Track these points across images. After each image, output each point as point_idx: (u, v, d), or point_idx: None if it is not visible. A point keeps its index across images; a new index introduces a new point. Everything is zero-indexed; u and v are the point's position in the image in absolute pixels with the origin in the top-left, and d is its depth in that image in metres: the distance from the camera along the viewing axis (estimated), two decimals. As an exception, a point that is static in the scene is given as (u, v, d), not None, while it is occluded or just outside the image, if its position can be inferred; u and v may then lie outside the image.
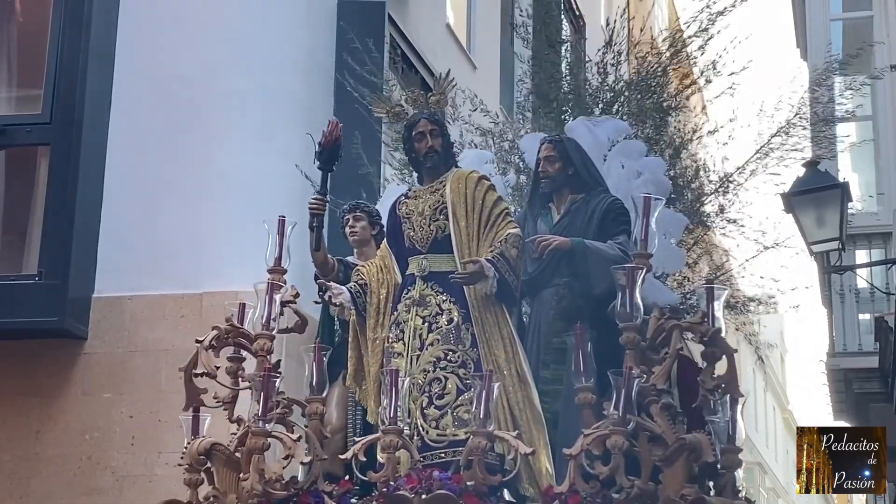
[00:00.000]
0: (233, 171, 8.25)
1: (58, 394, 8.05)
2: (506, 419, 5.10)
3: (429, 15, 11.18)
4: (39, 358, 8.11)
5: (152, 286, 8.03)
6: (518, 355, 5.29)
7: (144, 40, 8.54)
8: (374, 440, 4.81)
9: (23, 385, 8.07)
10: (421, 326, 5.32)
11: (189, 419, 5.19)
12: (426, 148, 5.54)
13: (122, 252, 8.20)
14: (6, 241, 8.61)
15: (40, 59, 8.45)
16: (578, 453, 4.56)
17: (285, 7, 8.80)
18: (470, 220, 5.40)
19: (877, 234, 9.95)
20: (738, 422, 4.82)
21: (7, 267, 8.36)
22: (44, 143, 8.30)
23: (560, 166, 5.68)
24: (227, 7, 8.59)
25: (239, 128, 8.41)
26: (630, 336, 4.71)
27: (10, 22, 8.93)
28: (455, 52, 11.70)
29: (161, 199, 8.28)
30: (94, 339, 8.11)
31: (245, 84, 8.45)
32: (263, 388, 4.81)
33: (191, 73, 8.42)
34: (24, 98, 8.74)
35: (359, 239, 6.25)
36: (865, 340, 9.60)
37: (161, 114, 8.38)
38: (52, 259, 7.98)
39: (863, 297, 9.74)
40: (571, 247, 5.38)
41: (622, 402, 4.54)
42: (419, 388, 5.21)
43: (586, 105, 8.26)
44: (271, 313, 5.09)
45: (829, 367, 9.83)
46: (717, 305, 4.86)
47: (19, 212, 8.51)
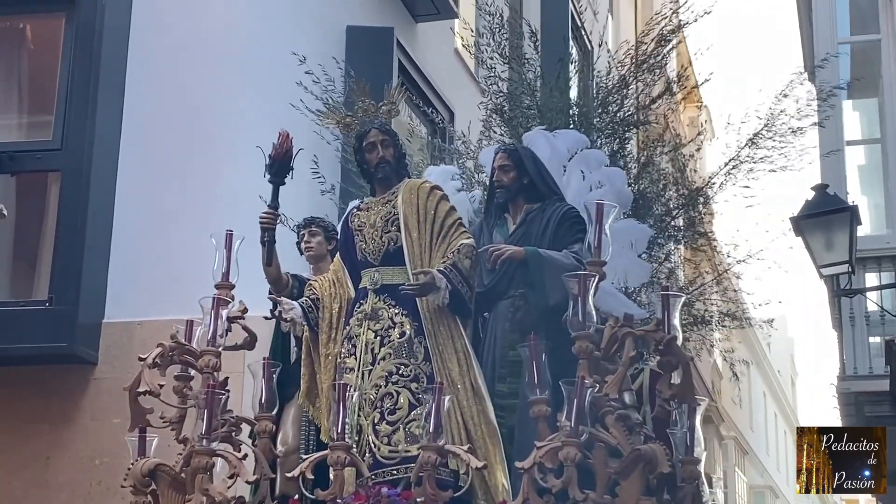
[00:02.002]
0: (242, 197, 8.16)
1: (67, 419, 7.99)
2: (460, 434, 4.97)
3: (437, 40, 11.22)
4: (49, 384, 8.06)
5: (162, 311, 7.84)
6: (472, 369, 5.15)
7: (154, 67, 8.51)
8: (322, 457, 4.66)
9: (32, 411, 8.03)
10: (373, 340, 5.19)
11: (135, 440, 5.04)
12: (377, 158, 5.44)
13: (131, 278, 8.15)
14: (16, 266, 8.64)
15: (51, 86, 8.47)
16: (531, 467, 4.42)
17: (294, 33, 8.77)
18: (422, 231, 5.28)
19: (886, 256, 9.91)
20: (696, 431, 4.69)
21: (17, 293, 8.40)
22: (54, 169, 8.30)
23: (515, 175, 5.56)
24: (236, 34, 8.55)
25: (248, 154, 8.27)
26: (583, 345, 4.57)
27: (21, 48, 8.93)
28: (463, 76, 11.71)
29: (170, 225, 8.21)
30: (104, 364, 8.05)
31: (254, 111, 8.40)
32: (207, 406, 4.67)
33: (200, 99, 8.38)
34: (35, 124, 8.76)
35: (314, 254, 6.14)
36: (876, 364, 9.58)
37: (171, 140, 8.34)
38: (62, 285, 7.96)
39: (873, 321, 9.72)
40: (525, 256, 5.25)
41: (574, 413, 4.40)
42: (371, 403, 5.07)
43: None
44: (217, 329, 4.95)
45: (840, 390, 9.78)
46: (674, 313, 4.73)
47: (30, 237, 8.54)
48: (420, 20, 10.82)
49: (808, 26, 11.63)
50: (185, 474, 4.76)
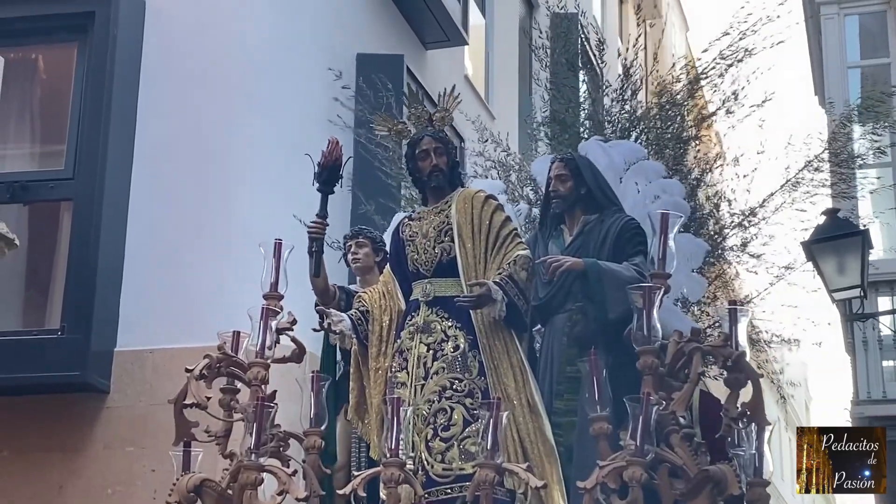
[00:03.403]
0: (253, 225, 8.10)
1: (80, 448, 7.94)
2: (516, 452, 4.80)
3: (447, 67, 11.18)
4: (62, 412, 8.00)
5: (174, 339, 7.89)
6: (529, 384, 4.97)
7: (165, 96, 8.47)
8: (374, 474, 4.48)
9: (45, 440, 7.99)
10: (425, 354, 5.02)
11: (180, 455, 4.88)
12: (430, 167, 5.27)
13: (143, 306, 8.11)
14: (29, 296, 8.63)
15: (63, 115, 8.47)
16: (594, 487, 4.22)
17: (304, 61, 8.75)
18: (476, 242, 5.11)
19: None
20: (764, 452, 4.49)
21: (30, 322, 8.40)
22: (66, 198, 8.30)
23: (572, 185, 5.38)
24: (248, 63, 8.50)
25: (259, 182, 8.34)
26: (647, 360, 4.38)
27: (34, 78, 8.94)
28: (473, 102, 11.66)
29: (182, 254, 8.19)
30: (117, 392, 8.00)
31: (265, 139, 8.38)
32: (256, 420, 4.49)
33: (211, 128, 8.33)
34: (47, 154, 8.74)
35: (361, 266, 5.99)
36: (890, 388, 9.58)
37: (182, 168, 8.30)
38: (74, 313, 7.95)
39: (886, 345, 9.71)
40: (584, 268, 5.07)
41: (640, 431, 4.20)
42: (424, 419, 4.91)
43: (604, 131, 8.01)
44: (266, 341, 4.78)
45: (854, 415, 9.72)
46: (741, 328, 4.54)
47: (42, 267, 8.53)
48: (430, 47, 10.81)
49: (817, 50, 11.56)
50: (231, 490, 4.59)
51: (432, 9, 10.29)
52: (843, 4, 11.24)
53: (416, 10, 10.31)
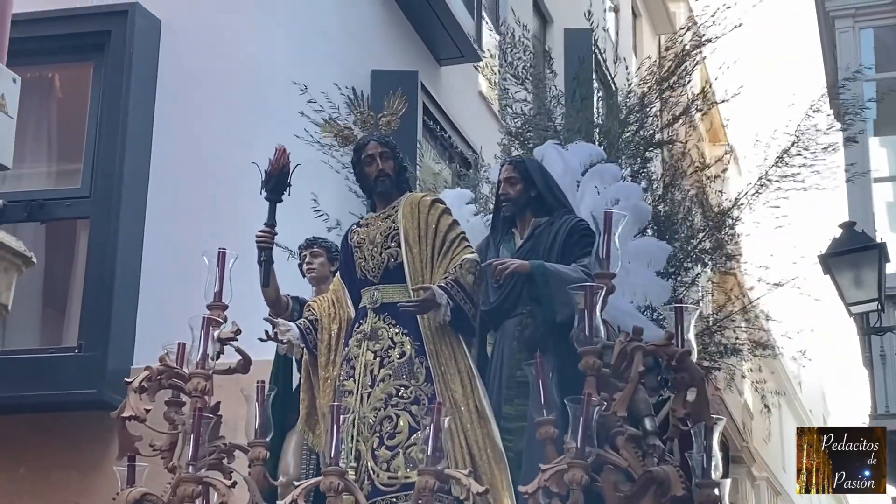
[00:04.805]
0: None
1: (97, 466, 7.83)
2: (464, 458, 4.69)
3: (461, 83, 11.17)
4: (78, 430, 7.98)
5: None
6: (477, 390, 4.87)
7: (181, 114, 8.48)
8: (315, 484, 4.38)
9: (62, 458, 7.97)
10: (372, 362, 4.93)
11: (124, 469, 4.80)
12: (377, 171, 5.19)
13: (160, 324, 7.92)
14: (46, 313, 8.65)
15: (80, 134, 8.52)
16: (535, 491, 4.12)
17: (319, 77, 8.64)
18: (423, 246, 5.02)
19: (916, 294, 9.74)
20: (714, 452, 4.39)
21: (47, 339, 8.45)
22: (83, 216, 8.38)
23: (521, 188, 5.30)
24: (263, 80, 8.50)
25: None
26: (589, 360, 4.27)
27: (50, 97, 8.97)
28: (488, 119, 11.62)
29: (199, 271, 8.06)
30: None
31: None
32: (194, 431, 4.41)
33: (227, 144, 8.30)
34: (64, 172, 8.78)
35: (317, 276, 5.92)
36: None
37: (198, 186, 8.30)
38: (91, 331, 7.99)
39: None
40: (531, 270, 4.98)
41: (580, 433, 4.10)
42: (370, 427, 4.81)
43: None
44: (207, 351, 4.70)
45: None
46: (688, 327, 4.44)
47: (59, 285, 8.58)
48: (444, 63, 10.79)
49: (832, 62, 11.49)
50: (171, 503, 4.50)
51: (446, 25, 10.29)
52: (857, 17, 11.25)
53: (430, 26, 10.30)
